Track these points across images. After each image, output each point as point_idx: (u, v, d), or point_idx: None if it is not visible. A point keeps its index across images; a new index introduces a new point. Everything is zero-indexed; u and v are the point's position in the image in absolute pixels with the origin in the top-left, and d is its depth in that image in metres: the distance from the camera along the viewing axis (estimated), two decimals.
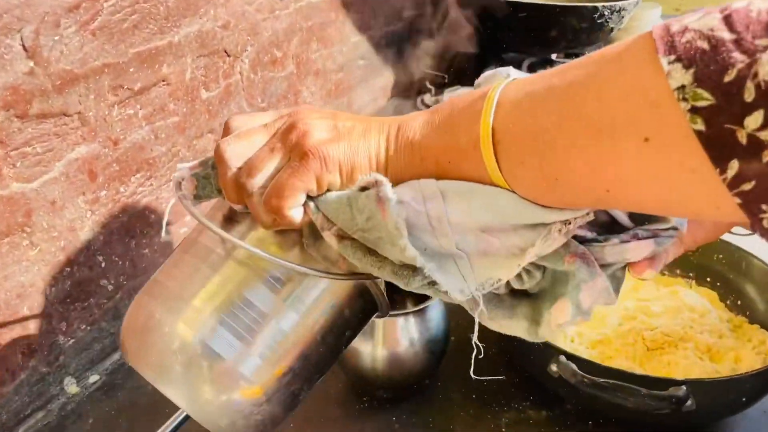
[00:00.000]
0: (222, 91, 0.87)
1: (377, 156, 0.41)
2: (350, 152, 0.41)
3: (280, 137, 0.42)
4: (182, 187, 0.45)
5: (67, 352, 0.70)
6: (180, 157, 0.81)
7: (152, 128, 0.76)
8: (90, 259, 0.71)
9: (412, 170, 0.41)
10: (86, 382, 0.72)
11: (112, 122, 0.70)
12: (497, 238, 0.39)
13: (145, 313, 0.46)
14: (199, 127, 0.83)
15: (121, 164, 0.73)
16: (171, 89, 0.78)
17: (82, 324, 0.71)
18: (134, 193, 0.75)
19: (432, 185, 0.39)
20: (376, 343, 0.66)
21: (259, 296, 0.44)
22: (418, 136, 0.40)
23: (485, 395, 0.70)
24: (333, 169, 0.40)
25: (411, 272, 0.40)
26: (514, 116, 0.37)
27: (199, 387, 0.43)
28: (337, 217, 0.41)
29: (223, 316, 0.44)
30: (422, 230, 0.39)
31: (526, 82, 0.38)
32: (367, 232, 0.40)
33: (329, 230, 0.41)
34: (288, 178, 0.40)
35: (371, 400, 0.70)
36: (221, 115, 0.87)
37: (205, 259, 0.46)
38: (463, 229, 0.39)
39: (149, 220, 0.78)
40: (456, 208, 0.39)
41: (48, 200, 0.65)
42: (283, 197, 0.40)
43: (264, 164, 0.41)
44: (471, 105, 0.39)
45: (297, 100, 1.03)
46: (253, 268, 0.45)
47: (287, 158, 0.41)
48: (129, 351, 0.46)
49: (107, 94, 0.69)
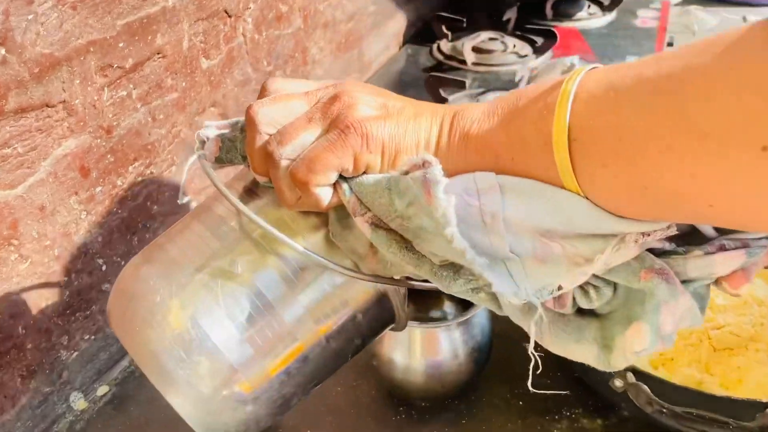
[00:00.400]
0: (224, 57, 0.77)
1: (426, 142, 0.37)
2: (397, 134, 0.37)
3: (322, 108, 0.38)
4: (205, 148, 0.42)
5: (71, 366, 0.64)
6: (181, 137, 0.72)
7: (149, 109, 0.67)
8: (89, 264, 0.63)
9: (466, 165, 0.36)
10: (95, 394, 0.66)
11: (103, 108, 0.61)
12: (558, 244, 0.34)
13: (139, 277, 0.41)
14: (200, 101, 0.74)
15: (117, 154, 0.64)
16: (167, 62, 0.68)
17: (85, 334, 0.65)
18: (133, 185, 0.67)
19: (490, 178, 0.35)
20: (412, 354, 0.59)
21: (266, 281, 0.40)
22: (477, 128, 0.36)
23: (533, 402, 0.64)
24: (375, 149, 0.37)
25: (453, 273, 0.36)
26: (596, 111, 0.32)
27: (177, 366, 0.38)
28: (374, 201, 0.37)
29: (222, 295, 0.39)
30: (472, 226, 0.35)
31: (609, 71, 0.33)
32: (407, 220, 0.36)
33: (362, 216, 0.37)
34: (322, 151, 0.36)
35: (408, 410, 0.64)
36: (224, 86, 0.78)
37: (215, 229, 0.41)
38: (519, 231, 0.35)
39: (152, 211, 0.70)
40: (515, 206, 0.34)
41: (36, 206, 0.57)
42: (313, 171, 0.36)
43: (298, 133, 0.37)
44: (542, 96, 0.34)
45: (305, 59, 0.93)
46: (266, 249, 0.40)
47: (326, 132, 0.37)
48: (113, 314, 0.41)
49: (95, 77, 0.60)
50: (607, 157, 0.32)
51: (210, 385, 0.39)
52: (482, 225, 0.35)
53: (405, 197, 0.35)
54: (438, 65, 1.15)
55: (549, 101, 0.34)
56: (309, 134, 0.37)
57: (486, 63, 1.09)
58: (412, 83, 1.09)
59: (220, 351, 0.39)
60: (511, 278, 0.35)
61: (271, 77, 0.43)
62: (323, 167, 0.36)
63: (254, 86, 0.83)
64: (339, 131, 0.37)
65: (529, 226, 0.34)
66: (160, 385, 0.39)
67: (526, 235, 0.35)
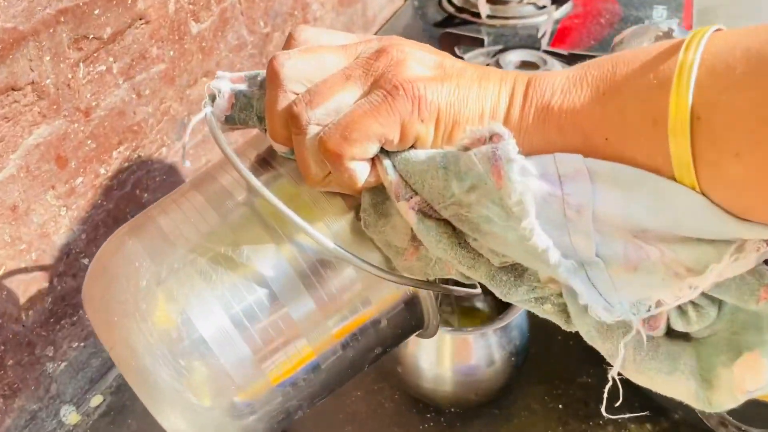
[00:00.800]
0: (216, 19, 0.68)
1: (493, 112, 0.30)
2: (456, 100, 0.30)
3: (363, 63, 0.31)
4: (215, 103, 0.35)
5: (59, 378, 0.57)
6: (171, 114, 0.64)
7: (132, 85, 0.58)
8: (73, 265, 0.56)
9: (543, 143, 0.30)
10: (88, 406, 0.60)
11: (79, 87, 0.53)
12: (656, 248, 0.28)
13: (123, 253, 0.33)
14: (191, 72, 0.66)
15: (98, 139, 0.56)
16: (152, 29, 0.59)
17: (73, 342, 0.58)
18: (119, 172, 0.59)
19: (576, 161, 0.28)
20: (441, 361, 0.52)
21: (276, 273, 0.32)
22: (560, 99, 0.29)
23: (573, 405, 0.58)
24: (428, 117, 0.30)
25: (514, 279, 0.31)
26: (730, 85, 0.25)
27: (161, 368, 0.31)
28: (423, 183, 0.30)
29: (221, 286, 0.32)
30: (550, 221, 0.28)
31: (742, 35, 0.26)
32: (466, 208, 0.29)
33: (407, 201, 0.30)
34: (362, 116, 0.29)
35: (437, 417, 0.58)
36: (217, 52, 0.69)
37: (218, 204, 0.34)
38: (608, 230, 0.28)
39: (142, 200, 0.62)
40: (607, 199, 0.28)
41: (6, 206, 0.49)
42: (348, 139, 0.29)
43: (333, 93, 0.30)
44: (650, 65, 0.27)
45: (305, 16, 0.84)
46: (279, 234, 0.33)
47: (368, 93, 0.30)
48: (89, 297, 0.34)
49: (68, 51, 0.51)
50: (742, 145, 0.25)
51: (199, 393, 0.32)
52: (564, 220, 0.28)
53: (466, 179, 0.28)
54: (449, 19, 1.06)
55: (662, 72, 0.27)
56: (347, 95, 0.31)
57: (502, 15, 0.99)
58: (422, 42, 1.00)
59: (214, 354, 0.32)
60: (594, 288, 0.29)
61: (300, 25, 0.34)
62: (362, 135, 0.29)
63: (250, 50, 0.74)
64: (384, 92, 0.30)
65: (622, 224, 0.28)
66: (139, 388, 0.32)
67: (616, 235, 0.28)
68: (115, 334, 0.32)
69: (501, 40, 0.93)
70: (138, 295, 0.32)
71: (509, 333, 0.52)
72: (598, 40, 0.89)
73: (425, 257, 0.33)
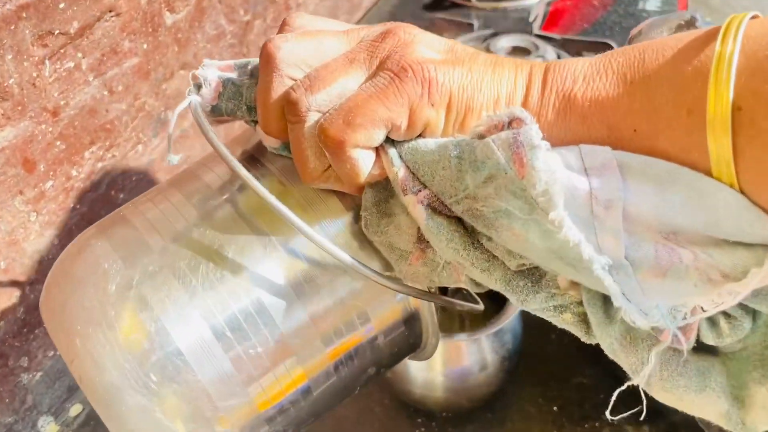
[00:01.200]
0: (192, 9, 0.65)
1: (509, 99, 0.28)
2: (469, 84, 0.28)
3: (368, 46, 0.29)
4: (201, 92, 0.32)
5: (35, 389, 0.55)
6: (147, 110, 0.61)
7: (103, 81, 0.56)
8: (45, 272, 0.53)
9: (565, 134, 0.27)
10: (67, 415, 0.58)
11: (45, 86, 0.50)
12: (690, 251, 0.25)
13: (89, 254, 0.30)
14: (167, 65, 0.63)
15: (68, 140, 0.53)
16: (123, 21, 0.57)
17: (48, 351, 0.56)
18: (92, 173, 0.56)
19: (605, 153, 0.26)
20: (432, 367, 0.50)
21: (264, 279, 0.29)
22: (583, 87, 0.27)
23: (568, 407, 0.56)
24: (439, 101, 0.28)
25: (531, 284, 0.28)
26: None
27: (130, 386, 0.28)
28: (434, 175, 0.27)
29: (201, 292, 0.28)
30: (575, 218, 0.25)
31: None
32: (481, 201, 0.26)
33: (415, 195, 0.28)
34: (367, 99, 0.27)
35: (428, 422, 0.56)
36: (194, 43, 0.66)
37: (199, 201, 0.31)
38: (638, 229, 0.26)
39: (117, 201, 0.60)
40: (640, 195, 0.25)
41: None
42: (352, 124, 0.27)
43: (336, 77, 0.28)
44: (684, 55, 0.25)
45: (288, 2, 0.81)
46: (268, 236, 0.30)
47: (373, 77, 0.28)
48: (48, 305, 0.30)
49: (32, 48, 0.48)
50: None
51: (172, 415, 0.28)
52: (590, 218, 0.25)
53: (483, 169, 0.26)
54: (437, 2, 1.02)
55: (698, 61, 0.25)
56: (350, 80, 0.28)
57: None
58: None
59: (192, 369, 0.28)
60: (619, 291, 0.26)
61: (294, 12, 0.32)
62: (367, 120, 0.27)
63: (230, 40, 0.71)
64: (392, 74, 0.27)
65: (654, 224, 0.26)
66: (103, 409, 0.28)
67: (646, 235, 0.26)
68: (77, 344, 0.28)
69: (491, 24, 0.91)
70: (106, 300, 0.28)
71: (502, 337, 0.50)
72: (591, 23, 0.86)
73: (432, 261, 0.30)
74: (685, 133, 0.25)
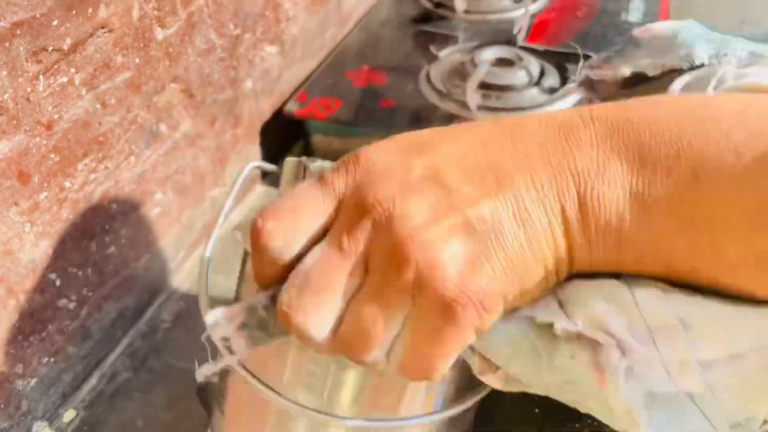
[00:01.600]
0: (183, 24, 0.67)
1: (555, 254, 0.27)
2: (512, 266, 0.26)
3: (384, 276, 0.26)
4: (231, 348, 0.30)
5: (30, 395, 0.56)
6: (139, 122, 0.63)
7: (96, 95, 0.57)
8: (40, 281, 0.55)
9: (615, 263, 0.28)
10: (61, 421, 0.59)
11: (40, 100, 0.52)
12: (749, 360, 0.27)
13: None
14: (158, 78, 0.64)
15: (62, 152, 0.55)
16: (115, 37, 0.58)
17: (43, 357, 0.57)
18: (85, 184, 0.58)
19: (665, 313, 0.27)
20: None
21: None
22: (631, 227, 0.26)
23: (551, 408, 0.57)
24: (495, 308, 0.27)
25: None
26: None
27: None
28: (510, 362, 0.29)
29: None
30: (648, 380, 0.27)
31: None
32: (559, 389, 0.29)
33: (494, 374, 0.30)
34: (431, 348, 0.26)
35: None
36: (185, 57, 0.68)
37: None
38: (712, 364, 0.27)
39: (110, 211, 0.61)
40: (709, 342, 0.26)
41: None
42: (429, 370, 0.27)
43: (331, 298, 0.28)
44: (744, 180, 0.24)
45: (277, 16, 0.83)
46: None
47: (411, 306, 0.27)
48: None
49: (26, 64, 0.50)
50: None
51: None
52: (665, 375, 0.27)
53: (560, 373, 0.28)
54: (425, 15, 1.04)
55: (760, 194, 0.24)
56: (375, 312, 0.27)
57: (479, 11, 0.98)
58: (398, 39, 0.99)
59: None
60: (701, 414, 0.27)
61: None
62: (438, 364, 0.27)
63: (219, 54, 0.73)
64: (437, 312, 0.25)
65: (724, 355, 0.27)
66: None
67: (719, 363, 0.27)
68: None
69: (476, 36, 0.93)
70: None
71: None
72: (574, 34, 0.88)
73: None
74: (753, 279, 0.25)
